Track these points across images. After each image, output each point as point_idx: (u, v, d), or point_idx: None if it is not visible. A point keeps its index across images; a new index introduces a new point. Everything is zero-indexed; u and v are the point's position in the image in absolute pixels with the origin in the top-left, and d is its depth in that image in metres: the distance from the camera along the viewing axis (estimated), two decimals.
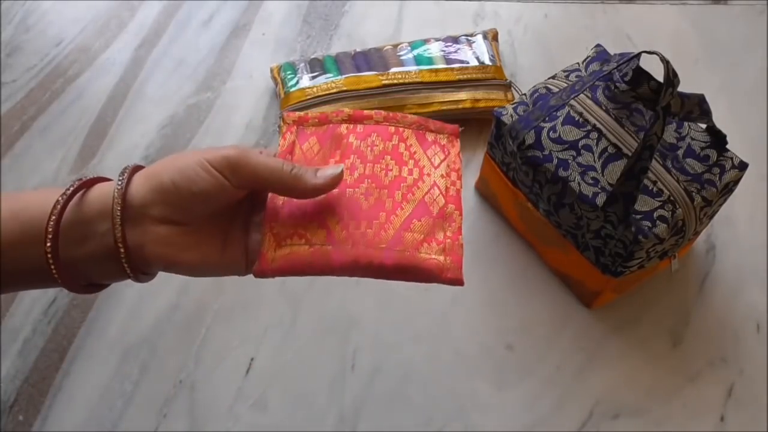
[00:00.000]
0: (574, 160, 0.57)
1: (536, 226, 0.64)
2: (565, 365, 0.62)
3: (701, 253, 0.68)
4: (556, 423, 0.59)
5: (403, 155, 0.42)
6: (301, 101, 0.75)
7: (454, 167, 0.43)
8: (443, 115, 0.74)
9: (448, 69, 0.77)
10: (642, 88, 0.55)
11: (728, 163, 0.56)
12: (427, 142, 0.43)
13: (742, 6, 0.89)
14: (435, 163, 0.42)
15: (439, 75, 0.76)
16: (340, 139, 0.42)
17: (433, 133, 0.44)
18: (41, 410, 0.61)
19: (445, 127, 0.45)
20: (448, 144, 0.44)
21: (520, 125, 0.59)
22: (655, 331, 0.64)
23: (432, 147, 0.43)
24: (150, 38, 0.89)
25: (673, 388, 0.61)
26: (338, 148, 0.42)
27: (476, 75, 0.76)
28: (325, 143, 0.42)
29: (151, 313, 0.66)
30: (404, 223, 0.39)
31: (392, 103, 0.75)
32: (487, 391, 0.61)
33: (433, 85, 0.76)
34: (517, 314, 0.65)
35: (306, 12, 0.92)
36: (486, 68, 0.77)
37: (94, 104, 0.82)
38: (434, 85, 0.76)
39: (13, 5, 0.93)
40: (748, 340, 0.63)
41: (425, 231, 0.39)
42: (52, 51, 0.88)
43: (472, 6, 0.91)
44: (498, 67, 0.78)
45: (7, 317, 0.66)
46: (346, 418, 0.60)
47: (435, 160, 0.42)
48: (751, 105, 0.79)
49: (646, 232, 0.53)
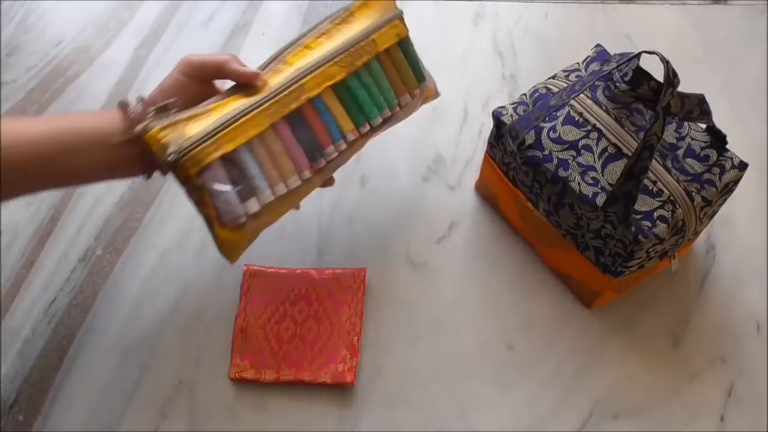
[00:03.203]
0: (574, 160, 0.57)
1: (536, 226, 0.64)
2: (565, 365, 0.62)
3: (701, 253, 0.68)
4: (556, 423, 0.59)
5: (321, 317, 0.63)
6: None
7: (357, 310, 0.64)
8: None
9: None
10: (642, 88, 0.55)
11: (728, 163, 0.56)
12: (338, 300, 0.64)
13: (742, 6, 0.89)
14: (342, 319, 0.63)
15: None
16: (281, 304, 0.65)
17: (343, 283, 0.65)
18: (41, 410, 0.61)
19: (354, 272, 0.66)
20: (355, 285, 0.65)
21: (520, 125, 0.59)
22: (655, 331, 0.64)
23: (342, 304, 0.64)
24: (150, 38, 0.89)
25: (673, 388, 0.61)
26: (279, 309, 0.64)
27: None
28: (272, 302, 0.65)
29: (151, 314, 0.66)
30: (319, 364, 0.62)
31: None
32: (487, 391, 0.61)
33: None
34: (518, 314, 0.65)
35: (306, 12, 0.92)
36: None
37: (94, 104, 0.82)
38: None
39: (13, 5, 0.93)
40: (748, 340, 0.63)
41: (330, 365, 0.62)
42: (51, 51, 0.88)
43: (472, 6, 0.91)
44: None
45: (7, 317, 0.66)
46: (346, 418, 0.60)
47: (342, 315, 0.64)
48: (752, 105, 0.79)
49: (646, 232, 0.53)
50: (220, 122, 0.49)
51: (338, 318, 0.63)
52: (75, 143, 0.48)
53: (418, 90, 0.60)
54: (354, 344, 0.62)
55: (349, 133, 0.55)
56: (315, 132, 0.54)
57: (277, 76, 0.53)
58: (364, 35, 0.55)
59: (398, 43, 0.58)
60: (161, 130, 0.48)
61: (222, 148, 0.49)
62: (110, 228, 0.72)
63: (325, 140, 0.54)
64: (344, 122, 0.55)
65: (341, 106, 0.55)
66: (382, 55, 0.57)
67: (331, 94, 0.54)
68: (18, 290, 0.68)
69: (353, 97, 0.56)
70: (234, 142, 0.49)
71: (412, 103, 0.60)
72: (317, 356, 0.61)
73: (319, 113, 0.54)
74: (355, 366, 0.61)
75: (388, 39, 0.57)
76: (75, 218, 0.73)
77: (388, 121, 0.58)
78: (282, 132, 0.52)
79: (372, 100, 0.56)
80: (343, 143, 0.55)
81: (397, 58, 0.58)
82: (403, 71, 0.59)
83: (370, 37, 0.55)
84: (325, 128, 0.54)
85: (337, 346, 0.62)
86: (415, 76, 0.59)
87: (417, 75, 0.60)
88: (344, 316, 0.63)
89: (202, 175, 0.48)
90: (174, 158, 0.47)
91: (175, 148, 0.47)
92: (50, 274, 0.69)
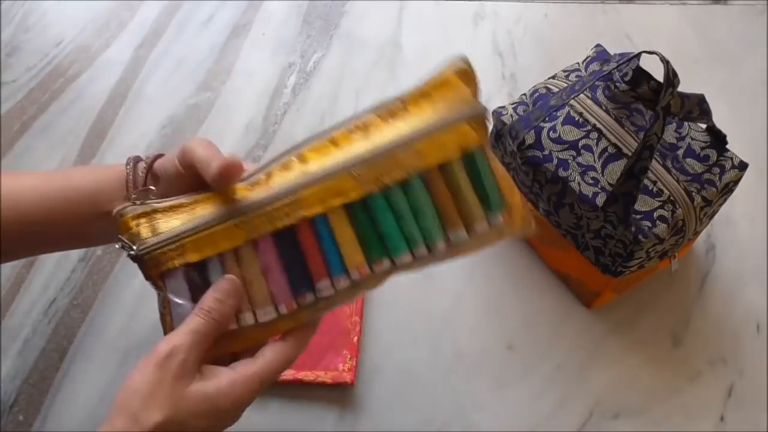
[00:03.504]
0: (574, 160, 0.57)
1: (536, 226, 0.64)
2: (565, 365, 0.62)
3: (701, 253, 0.68)
4: (556, 423, 0.59)
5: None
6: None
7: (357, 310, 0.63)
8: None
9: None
10: (642, 88, 0.55)
11: (728, 163, 0.56)
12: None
13: (742, 6, 0.89)
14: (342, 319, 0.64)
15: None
16: None
17: None
18: (41, 410, 0.61)
19: None
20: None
21: (520, 125, 0.59)
22: (655, 331, 0.64)
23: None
24: (150, 38, 0.89)
25: (673, 388, 0.61)
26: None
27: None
28: None
29: (150, 314, 0.66)
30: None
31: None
32: (487, 391, 0.61)
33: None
34: (518, 314, 0.65)
35: (306, 12, 0.92)
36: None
37: (94, 104, 0.82)
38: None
39: (13, 5, 0.93)
40: (748, 340, 0.63)
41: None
42: (52, 51, 0.88)
43: (472, 6, 0.91)
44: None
45: (7, 317, 0.66)
46: (346, 418, 0.60)
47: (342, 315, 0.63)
48: (751, 105, 0.79)
49: (646, 232, 0.53)
50: (191, 225, 0.40)
51: (338, 318, 0.63)
52: (70, 211, 0.44)
53: (485, 223, 0.41)
54: (354, 344, 0.62)
55: (354, 269, 0.40)
56: (307, 258, 0.40)
57: (282, 175, 0.40)
58: (407, 140, 0.39)
59: (462, 158, 0.40)
60: (134, 218, 0.41)
61: (185, 256, 0.40)
62: None
63: (319, 271, 0.40)
64: (351, 253, 0.40)
65: (352, 232, 0.40)
66: (431, 171, 0.40)
67: (342, 214, 0.40)
68: (18, 290, 0.68)
69: (373, 223, 0.40)
70: (200, 253, 0.40)
71: (472, 241, 0.41)
72: (317, 356, 0.61)
73: (319, 237, 0.40)
74: (355, 366, 0.61)
75: (445, 150, 0.39)
76: None
77: (424, 261, 0.41)
78: (264, 249, 0.40)
79: (401, 230, 0.40)
80: (344, 279, 0.40)
81: (456, 178, 0.40)
82: (463, 197, 0.40)
83: (414, 145, 0.39)
84: (322, 256, 0.40)
85: (337, 346, 0.62)
86: (482, 203, 0.41)
87: (487, 201, 0.41)
88: (344, 316, 0.63)
89: (163, 278, 0.40)
90: (134, 255, 0.40)
91: (139, 244, 0.40)
92: (50, 274, 0.69)
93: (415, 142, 0.39)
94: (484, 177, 0.41)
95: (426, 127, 0.40)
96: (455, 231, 0.41)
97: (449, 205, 0.40)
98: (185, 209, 0.41)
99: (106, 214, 0.42)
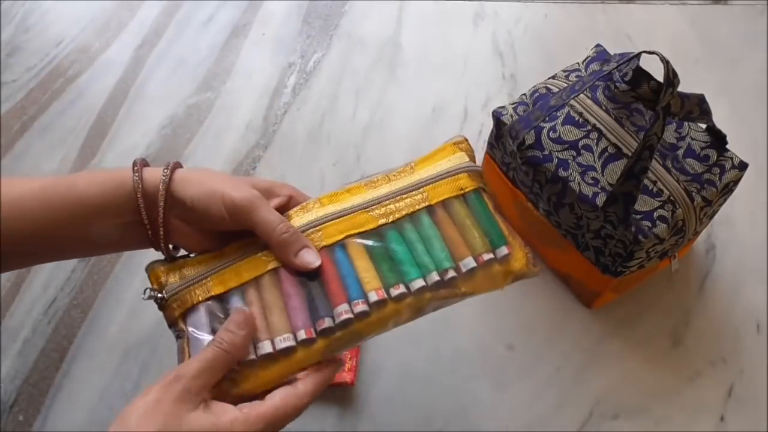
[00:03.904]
0: (574, 160, 0.57)
1: (536, 226, 0.64)
2: (565, 365, 0.62)
3: (701, 253, 0.68)
4: (556, 423, 0.59)
5: None
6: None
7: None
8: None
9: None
10: (642, 88, 0.55)
11: (728, 163, 0.56)
12: None
13: (742, 6, 0.89)
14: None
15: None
16: None
17: None
18: (41, 410, 0.61)
19: None
20: None
21: (520, 125, 0.59)
22: (655, 331, 0.64)
23: None
24: (150, 38, 0.89)
25: (673, 388, 0.61)
26: None
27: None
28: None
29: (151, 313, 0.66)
30: None
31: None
32: (487, 391, 0.61)
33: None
34: (518, 314, 0.65)
35: (306, 12, 0.92)
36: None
37: (94, 104, 0.82)
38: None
39: (13, 5, 0.93)
40: (748, 340, 0.63)
41: None
42: (52, 51, 0.88)
43: (472, 6, 0.91)
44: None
45: (7, 317, 0.66)
46: (346, 417, 0.60)
47: None
48: (751, 105, 0.79)
49: (646, 232, 0.53)
50: (218, 263, 0.43)
51: None
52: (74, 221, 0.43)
53: (491, 255, 0.45)
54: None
55: (373, 292, 0.42)
56: (327, 284, 0.43)
57: (303, 215, 0.45)
58: (414, 186, 0.46)
59: (462, 197, 0.46)
60: (165, 270, 0.44)
61: (210, 291, 0.42)
62: None
63: (338, 296, 0.42)
64: (369, 278, 0.43)
65: (369, 260, 0.44)
66: (436, 207, 0.46)
67: (359, 244, 0.44)
68: (18, 290, 0.68)
69: (387, 252, 0.44)
70: (224, 285, 0.43)
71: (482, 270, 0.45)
72: None
73: (337, 263, 0.44)
74: (355, 366, 0.61)
75: (446, 191, 0.46)
76: None
77: (438, 288, 0.44)
78: (285, 279, 0.43)
79: (413, 258, 0.44)
80: (362, 303, 0.42)
81: (459, 214, 0.46)
82: (467, 230, 0.46)
83: (421, 188, 0.46)
84: (340, 282, 0.43)
85: None
86: (487, 238, 0.46)
87: (491, 236, 0.46)
88: None
89: (186, 319, 0.42)
90: (161, 301, 0.43)
91: (167, 289, 0.43)
92: (50, 274, 0.69)
93: (422, 185, 0.46)
94: (485, 215, 0.47)
95: (430, 177, 0.47)
96: (463, 259, 0.45)
97: (456, 237, 0.45)
98: (212, 258, 0.44)
99: (112, 225, 0.44)
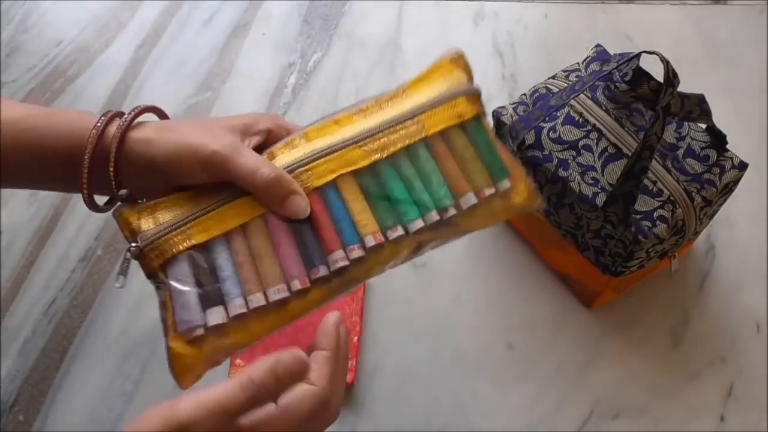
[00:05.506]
0: (574, 160, 0.57)
1: (536, 226, 0.64)
2: (565, 365, 0.62)
3: (701, 253, 0.68)
4: (556, 423, 0.59)
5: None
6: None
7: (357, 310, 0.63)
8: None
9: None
10: (642, 88, 0.55)
11: (728, 163, 0.57)
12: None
13: (742, 6, 0.89)
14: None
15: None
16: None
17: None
18: (41, 410, 0.61)
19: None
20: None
21: (520, 125, 0.59)
22: (655, 331, 0.64)
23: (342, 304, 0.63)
24: (150, 38, 0.89)
25: (673, 388, 0.61)
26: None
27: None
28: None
29: (151, 313, 0.66)
30: None
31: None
32: (487, 391, 0.61)
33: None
34: (518, 314, 0.65)
35: (306, 12, 0.92)
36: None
37: (94, 104, 0.82)
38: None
39: (13, 5, 0.93)
40: (748, 340, 0.63)
41: None
42: (51, 51, 0.88)
43: (472, 6, 0.91)
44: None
45: (7, 317, 0.66)
46: (346, 417, 0.60)
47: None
48: (751, 105, 0.79)
49: (646, 232, 0.53)
50: (197, 208, 0.39)
51: None
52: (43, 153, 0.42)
53: (493, 189, 0.42)
54: (354, 344, 0.62)
55: (369, 236, 0.40)
56: (319, 230, 0.40)
57: (288, 153, 0.41)
58: (408, 115, 0.42)
59: (460, 126, 0.42)
60: (135, 213, 0.40)
61: (192, 239, 0.39)
62: (110, 228, 0.71)
63: (332, 242, 0.39)
64: (364, 221, 0.40)
65: (363, 201, 0.40)
66: (433, 139, 0.42)
67: (353, 184, 0.40)
68: (18, 290, 0.68)
69: (384, 191, 0.41)
70: (208, 233, 0.39)
71: (484, 206, 0.42)
72: None
73: (329, 206, 0.40)
74: (355, 366, 0.61)
75: (443, 120, 0.42)
76: (75, 218, 0.73)
77: (438, 227, 0.41)
78: (274, 226, 0.40)
79: (411, 196, 0.41)
80: (358, 249, 0.39)
81: (459, 146, 0.42)
82: (467, 163, 0.42)
83: (416, 117, 0.42)
84: (334, 226, 0.40)
85: None
86: (488, 171, 0.42)
87: (492, 169, 0.42)
88: (344, 316, 0.63)
89: (166, 269, 0.39)
90: (136, 251, 0.39)
91: (141, 237, 0.39)
92: (50, 274, 0.69)
93: (416, 114, 0.42)
94: (485, 146, 0.43)
95: (425, 102, 0.42)
96: (464, 195, 0.42)
97: (455, 172, 0.42)
98: (189, 199, 0.40)
99: (70, 163, 0.41)
